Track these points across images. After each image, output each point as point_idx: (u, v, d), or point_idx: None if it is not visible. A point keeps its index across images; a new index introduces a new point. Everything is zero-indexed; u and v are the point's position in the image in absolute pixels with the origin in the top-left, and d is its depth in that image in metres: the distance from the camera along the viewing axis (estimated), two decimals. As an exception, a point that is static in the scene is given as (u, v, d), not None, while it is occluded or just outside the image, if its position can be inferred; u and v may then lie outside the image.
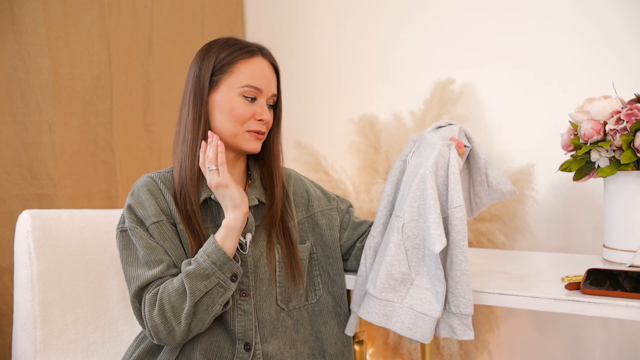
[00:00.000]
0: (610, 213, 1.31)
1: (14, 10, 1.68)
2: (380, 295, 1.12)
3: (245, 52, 1.24)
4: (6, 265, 1.63)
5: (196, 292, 1.10)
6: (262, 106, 1.24)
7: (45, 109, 1.75)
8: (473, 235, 1.83)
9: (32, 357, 1.33)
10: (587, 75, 1.77)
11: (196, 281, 1.10)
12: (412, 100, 2.04)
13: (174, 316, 1.11)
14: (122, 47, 1.99)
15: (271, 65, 1.27)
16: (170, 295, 1.11)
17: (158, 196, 1.21)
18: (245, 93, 1.22)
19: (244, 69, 1.23)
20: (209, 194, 1.22)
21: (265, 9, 2.46)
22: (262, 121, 1.24)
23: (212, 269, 1.11)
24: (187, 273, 1.11)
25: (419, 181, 1.12)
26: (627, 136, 1.22)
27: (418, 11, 2.09)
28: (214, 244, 1.13)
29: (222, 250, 1.12)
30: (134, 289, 1.15)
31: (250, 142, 1.24)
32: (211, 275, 1.11)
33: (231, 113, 1.22)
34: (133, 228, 1.17)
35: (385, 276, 1.12)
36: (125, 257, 1.18)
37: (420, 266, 1.12)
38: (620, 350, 1.77)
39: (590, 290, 1.05)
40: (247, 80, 1.22)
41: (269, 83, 1.25)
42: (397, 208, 1.17)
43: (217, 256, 1.12)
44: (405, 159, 1.25)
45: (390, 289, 1.12)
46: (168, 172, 1.27)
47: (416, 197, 1.12)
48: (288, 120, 2.38)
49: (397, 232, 1.13)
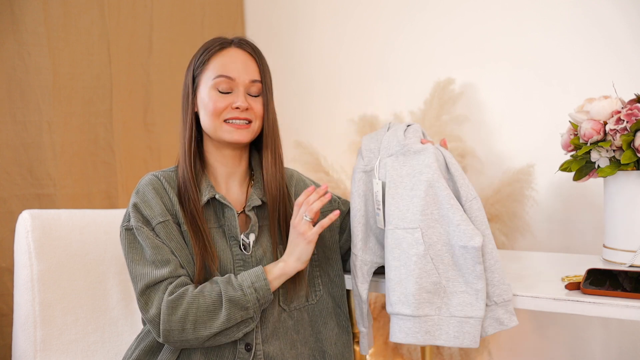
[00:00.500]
0: (610, 213, 1.31)
1: (14, 10, 1.68)
2: (418, 312, 1.09)
3: (217, 45, 1.24)
4: (6, 265, 1.63)
5: (232, 320, 1.11)
6: (238, 94, 1.22)
7: (45, 109, 1.75)
8: (473, 235, 1.82)
9: (32, 357, 1.33)
10: (587, 75, 1.77)
11: (235, 309, 1.11)
12: (412, 100, 2.04)
13: (194, 329, 1.10)
14: (122, 47, 1.99)
15: (247, 53, 1.25)
16: (200, 309, 1.10)
17: (163, 195, 1.21)
18: (218, 85, 1.21)
19: (216, 62, 1.23)
20: (213, 194, 1.22)
21: (265, 9, 2.46)
22: (239, 108, 1.21)
23: (254, 304, 1.12)
24: (229, 297, 1.11)
25: (427, 187, 1.11)
26: (627, 136, 1.22)
27: (418, 11, 2.09)
28: (264, 281, 1.14)
29: (269, 291, 1.14)
30: (140, 287, 1.14)
31: (229, 132, 1.22)
32: (250, 309, 1.12)
33: (207, 107, 1.22)
34: (139, 227, 1.17)
35: (416, 291, 1.09)
36: (130, 255, 1.17)
37: (448, 272, 1.11)
38: (620, 350, 1.77)
39: (590, 290, 1.05)
40: (217, 72, 1.22)
41: (244, 70, 1.22)
42: (400, 221, 1.13)
43: (264, 294, 1.13)
44: (366, 170, 1.23)
45: (426, 302, 1.10)
46: (172, 171, 1.26)
47: (428, 204, 1.11)
48: (288, 120, 2.39)
49: (416, 243, 1.10)
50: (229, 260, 1.20)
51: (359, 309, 1.24)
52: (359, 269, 1.22)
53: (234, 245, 1.21)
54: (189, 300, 1.11)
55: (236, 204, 1.26)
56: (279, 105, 1.37)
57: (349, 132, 2.10)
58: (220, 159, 1.27)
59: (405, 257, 1.11)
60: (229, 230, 1.22)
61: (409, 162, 1.16)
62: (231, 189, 1.28)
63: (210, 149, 1.27)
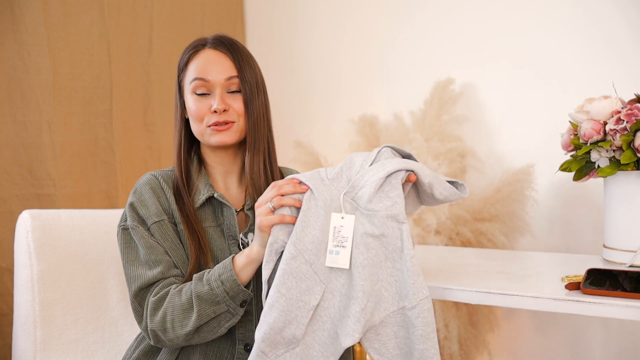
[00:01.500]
0: (610, 213, 1.31)
1: (14, 10, 1.68)
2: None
3: (192, 48, 1.23)
4: (6, 265, 1.63)
5: (204, 316, 1.09)
6: (215, 96, 1.19)
7: (45, 109, 1.74)
8: (473, 235, 1.83)
9: (32, 357, 1.33)
10: (587, 75, 1.77)
11: (206, 305, 1.09)
12: (412, 100, 2.04)
13: (173, 329, 1.10)
14: (122, 47, 1.99)
15: (220, 52, 1.22)
16: (175, 308, 1.10)
17: (160, 195, 1.21)
18: (195, 89, 1.20)
19: (192, 66, 1.22)
20: (211, 193, 1.22)
21: (265, 9, 2.46)
22: (217, 112, 1.18)
23: (224, 297, 1.09)
24: (197, 294, 1.09)
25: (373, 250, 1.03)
26: (627, 136, 1.22)
27: (418, 11, 2.09)
28: (230, 272, 1.09)
29: (236, 281, 1.09)
30: (133, 289, 1.14)
31: (212, 136, 1.20)
32: (221, 302, 1.09)
33: (190, 113, 1.22)
34: (134, 227, 1.17)
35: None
36: (126, 256, 1.18)
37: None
38: (620, 350, 1.77)
39: (590, 290, 1.05)
40: (192, 75, 1.21)
41: (217, 70, 1.20)
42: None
43: (231, 285, 1.09)
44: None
45: None
46: (171, 171, 1.27)
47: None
48: (288, 120, 2.39)
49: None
50: (227, 259, 1.19)
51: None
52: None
53: (233, 244, 1.21)
54: (167, 300, 1.11)
55: (235, 202, 1.26)
56: (279, 106, 1.37)
57: (349, 132, 2.10)
58: (215, 159, 1.27)
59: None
60: (227, 229, 1.22)
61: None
62: (230, 188, 1.28)
63: (205, 150, 1.27)
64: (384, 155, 1.10)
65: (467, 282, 1.19)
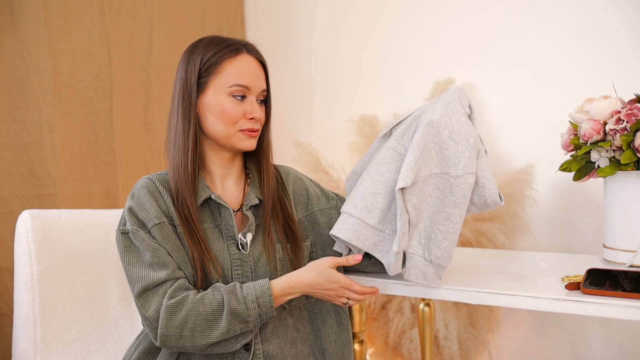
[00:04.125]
0: (610, 213, 1.31)
1: (14, 10, 1.68)
2: (379, 226, 1.19)
3: (231, 50, 1.23)
4: (6, 265, 1.63)
5: (231, 332, 1.10)
6: (253, 104, 1.22)
7: (45, 109, 1.75)
8: (473, 235, 1.83)
9: (32, 357, 1.33)
10: (587, 75, 1.77)
11: (236, 322, 1.10)
12: (412, 100, 2.04)
13: (192, 337, 1.10)
14: (122, 47, 1.99)
15: (257, 61, 1.25)
16: (199, 316, 1.09)
17: (158, 198, 1.21)
18: (234, 92, 1.21)
19: (231, 68, 1.21)
20: (209, 194, 1.22)
21: (265, 9, 2.46)
22: (254, 119, 1.23)
23: (256, 319, 1.11)
24: (232, 309, 1.10)
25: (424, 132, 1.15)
26: (627, 136, 1.22)
27: (418, 11, 2.09)
28: (269, 298, 1.12)
29: (273, 308, 1.13)
30: (137, 290, 1.13)
31: (245, 140, 1.23)
32: (251, 323, 1.11)
33: (222, 114, 1.21)
34: (135, 231, 1.17)
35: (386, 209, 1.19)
36: (127, 259, 1.17)
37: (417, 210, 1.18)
38: (620, 350, 1.77)
39: (590, 290, 1.05)
40: (234, 80, 1.21)
41: (257, 79, 1.24)
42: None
43: (266, 311, 1.12)
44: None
45: (387, 222, 1.20)
46: (166, 174, 1.26)
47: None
48: (288, 120, 2.39)
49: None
50: (226, 260, 1.20)
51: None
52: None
53: (232, 244, 1.21)
54: (189, 307, 1.10)
55: (233, 203, 1.26)
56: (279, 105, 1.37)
57: (349, 132, 2.10)
58: (216, 160, 1.27)
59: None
60: (226, 229, 1.22)
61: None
62: (228, 189, 1.28)
63: (207, 151, 1.26)
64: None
65: (467, 282, 1.19)
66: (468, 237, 1.82)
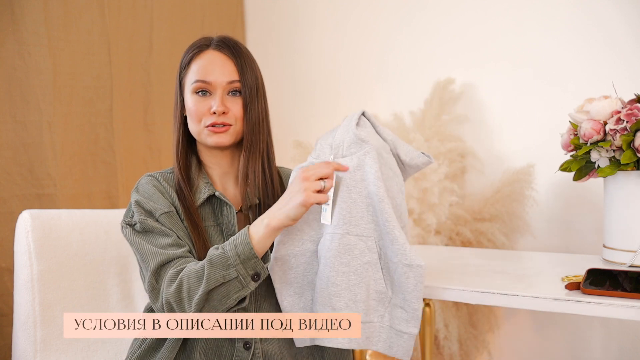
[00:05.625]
0: (610, 213, 1.31)
1: (14, 10, 1.68)
2: (365, 318, 1.11)
3: (196, 48, 1.24)
4: (6, 265, 1.63)
5: (212, 280, 1.06)
6: (215, 98, 1.20)
7: (45, 109, 1.75)
8: (473, 235, 1.83)
9: (32, 357, 1.33)
10: (587, 75, 1.77)
11: (216, 269, 1.06)
12: (412, 100, 2.04)
13: (188, 297, 1.07)
14: (122, 47, 1.99)
15: (223, 55, 1.23)
16: (190, 275, 1.08)
17: (163, 192, 1.22)
18: (196, 89, 1.21)
19: (194, 66, 1.23)
20: (212, 192, 1.22)
21: (265, 9, 2.46)
22: (216, 113, 1.19)
23: (235, 260, 1.06)
24: (210, 257, 1.08)
25: (378, 201, 1.09)
26: (627, 136, 1.22)
27: (418, 11, 2.09)
28: (245, 235, 1.08)
29: (250, 245, 1.07)
30: (153, 266, 1.11)
31: (209, 136, 1.21)
32: (231, 267, 1.06)
33: (189, 112, 1.23)
34: (143, 220, 1.16)
35: (365, 298, 1.11)
36: (138, 242, 1.15)
37: (393, 284, 1.12)
38: (620, 350, 1.77)
39: (590, 290, 1.05)
40: (194, 76, 1.22)
41: (220, 73, 1.21)
42: (353, 227, 1.11)
43: (244, 249, 1.07)
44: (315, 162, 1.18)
45: (373, 310, 1.11)
46: (169, 172, 1.27)
47: (379, 217, 1.10)
48: (288, 120, 2.39)
49: (369, 251, 1.11)
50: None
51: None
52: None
53: (232, 244, 1.21)
54: (185, 270, 1.09)
55: (233, 203, 1.26)
56: (279, 106, 1.37)
57: (349, 132, 2.09)
58: (212, 159, 1.27)
59: (357, 264, 1.10)
60: (227, 228, 1.22)
61: (361, 168, 1.13)
62: (227, 188, 1.28)
63: (202, 150, 1.28)
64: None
65: (467, 282, 1.19)
66: (468, 237, 1.82)
